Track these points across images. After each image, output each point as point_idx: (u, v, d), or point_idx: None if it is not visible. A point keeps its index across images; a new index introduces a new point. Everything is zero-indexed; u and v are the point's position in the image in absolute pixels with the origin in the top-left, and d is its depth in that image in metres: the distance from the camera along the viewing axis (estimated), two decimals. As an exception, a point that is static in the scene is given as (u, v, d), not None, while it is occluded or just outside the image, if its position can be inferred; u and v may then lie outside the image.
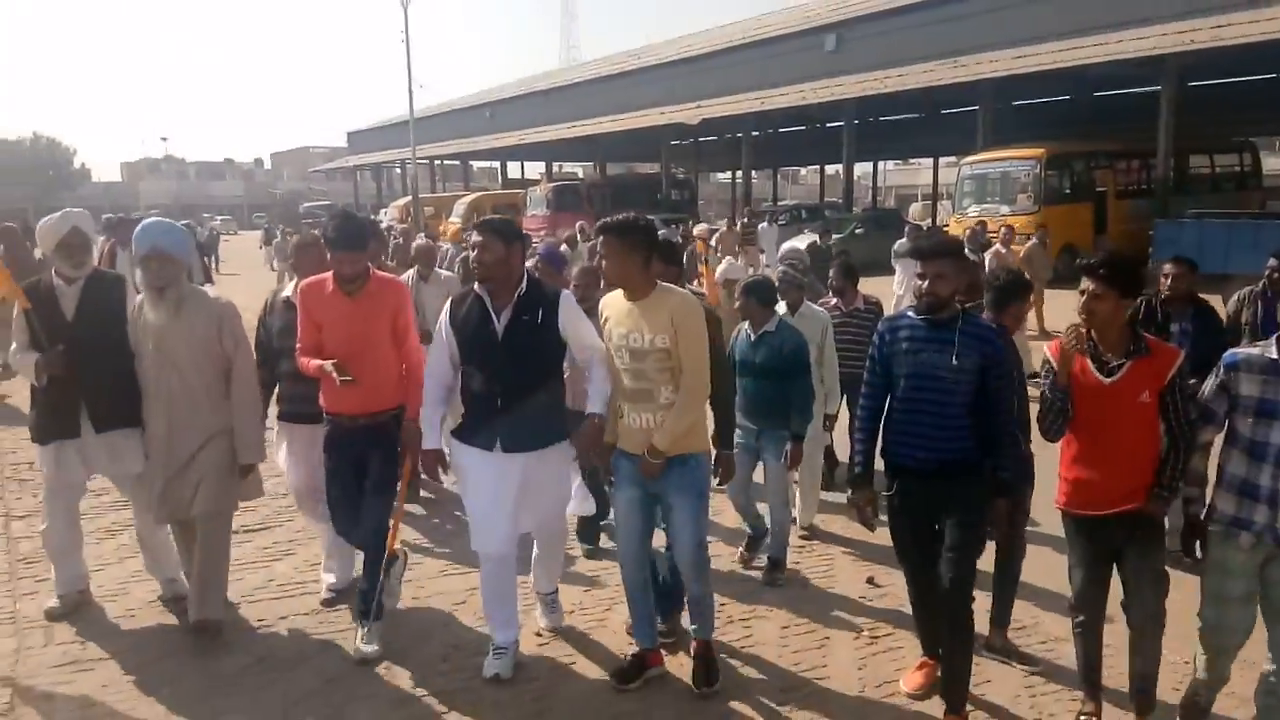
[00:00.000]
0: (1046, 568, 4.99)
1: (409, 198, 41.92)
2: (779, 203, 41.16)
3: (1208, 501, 3.62)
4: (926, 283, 3.73)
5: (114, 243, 11.30)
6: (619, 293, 4.03)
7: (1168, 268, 5.51)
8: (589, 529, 5.71)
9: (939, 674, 4.02)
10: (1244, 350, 3.53)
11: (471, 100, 52.41)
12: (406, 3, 35.20)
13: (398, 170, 59.26)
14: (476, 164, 57.79)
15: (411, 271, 7.09)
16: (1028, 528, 4.51)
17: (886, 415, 3.90)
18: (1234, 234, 14.59)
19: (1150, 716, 3.75)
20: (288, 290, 5.02)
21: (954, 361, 3.66)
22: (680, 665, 4.33)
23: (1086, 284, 3.61)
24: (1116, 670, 3.98)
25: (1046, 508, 4.25)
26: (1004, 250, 12.29)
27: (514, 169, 54.39)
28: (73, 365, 4.58)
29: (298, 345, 4.55)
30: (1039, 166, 20.64)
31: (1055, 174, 21.01)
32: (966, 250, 7.18)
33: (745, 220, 19.53)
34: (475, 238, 4.12)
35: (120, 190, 77.95)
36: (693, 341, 3.87)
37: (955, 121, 30.60)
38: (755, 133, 33.52)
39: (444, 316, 4.22)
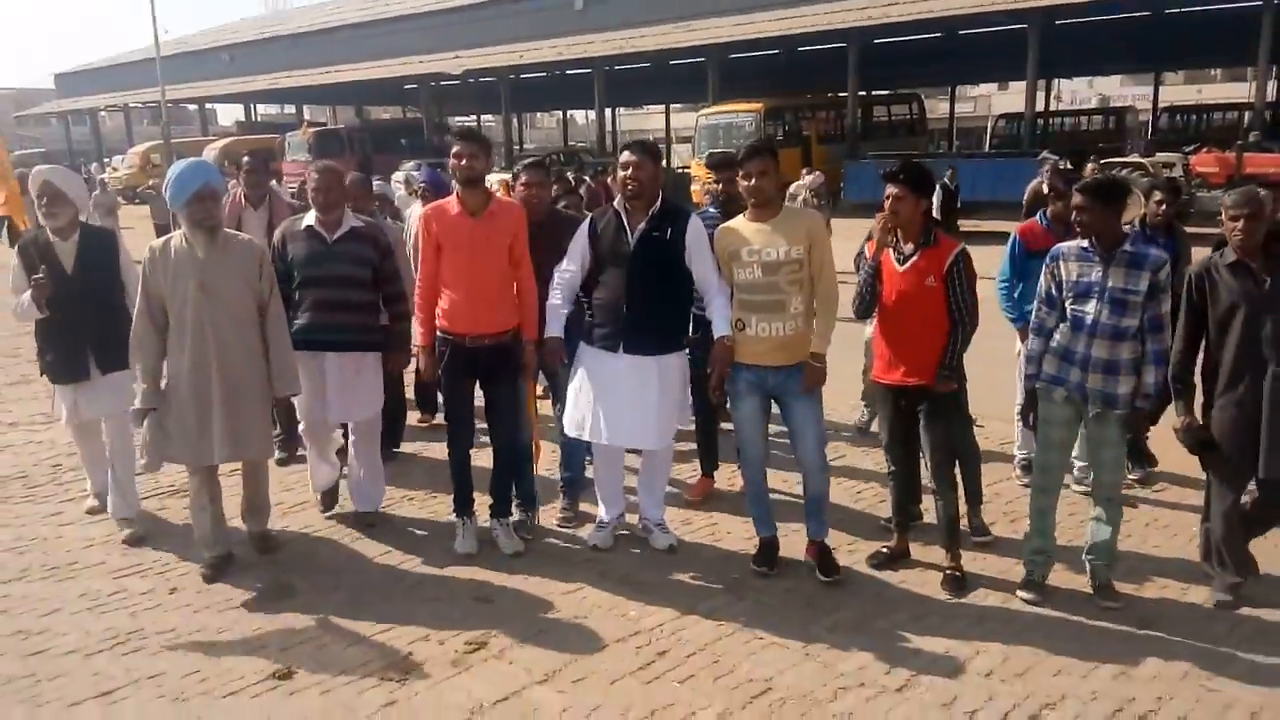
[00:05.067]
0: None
1: (150, 143, 40.46)
2: (524, 146, 44.23)
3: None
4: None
5: None
6: (738, 219, 4.46)
7: (1157, 195, 5.64)
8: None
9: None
10: (1065, 244, 4.18)
11: (209, 42, 50.74)
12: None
13: (103, 114, 55.93)
14: (192, 108, 55.23)
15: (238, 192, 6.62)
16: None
17: None
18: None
19: (959, 548, 4.49)
20: (309, 219, 5.02)
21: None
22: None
23: (890, 189, 4.17)
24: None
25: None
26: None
27: (227, 111, 52.69)
28: (75, 310, 4.94)
29: (419, 274, 4.82)
30: (760, 118, 25.10)
31: (772, 123, 25.51)
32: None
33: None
34: (628, 157, 4.50)
35: None
36: (826, 251, 4.32)
37: (684, 72, 34.42)
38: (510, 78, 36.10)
39: (585, 227, 4.65)
